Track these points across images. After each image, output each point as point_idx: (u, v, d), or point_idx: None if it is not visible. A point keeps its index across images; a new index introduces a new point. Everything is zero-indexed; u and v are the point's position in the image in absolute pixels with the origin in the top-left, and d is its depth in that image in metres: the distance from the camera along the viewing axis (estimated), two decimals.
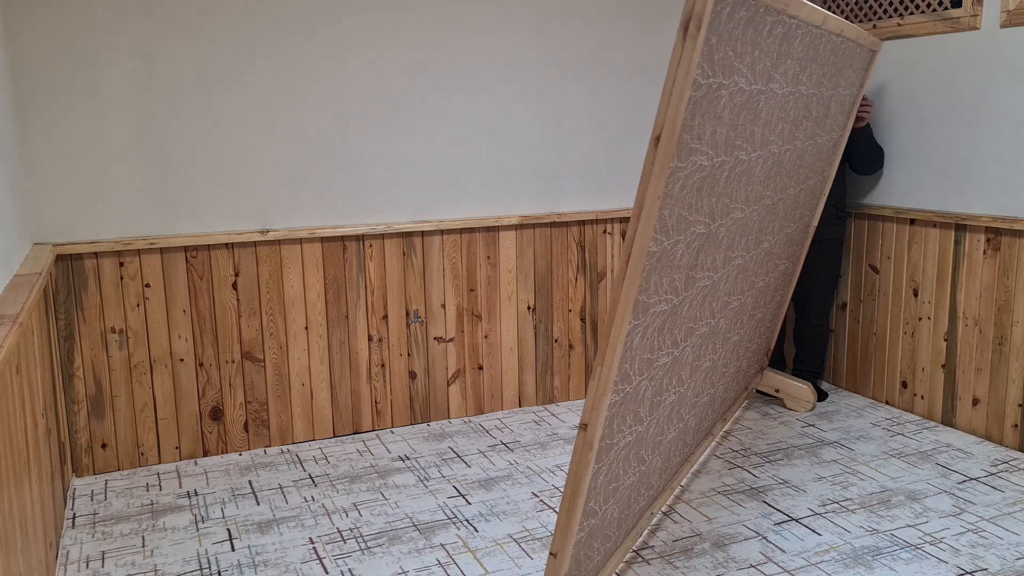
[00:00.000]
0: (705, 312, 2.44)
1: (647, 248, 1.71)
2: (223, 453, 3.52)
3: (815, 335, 4.07)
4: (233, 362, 3.47)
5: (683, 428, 2.69)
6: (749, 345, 3.36)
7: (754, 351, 3.53)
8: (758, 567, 2.59)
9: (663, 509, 2.95)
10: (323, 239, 3.54)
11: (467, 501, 3.07)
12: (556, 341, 4.05)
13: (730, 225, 2.34)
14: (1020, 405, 3.40)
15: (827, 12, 2.46)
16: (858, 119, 3.72)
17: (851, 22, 4.05)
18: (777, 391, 3.95)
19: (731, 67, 1.85)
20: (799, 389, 3.90)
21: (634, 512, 2.45)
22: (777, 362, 4.25)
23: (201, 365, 3.43)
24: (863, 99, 3.67)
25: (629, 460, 2.21)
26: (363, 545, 2.77)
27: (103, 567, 2.65)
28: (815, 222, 3.78)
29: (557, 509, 2.98)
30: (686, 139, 1.73)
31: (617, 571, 2.56)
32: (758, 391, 3.98)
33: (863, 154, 3.80)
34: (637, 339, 1.91)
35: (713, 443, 3.50)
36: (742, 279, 2.77)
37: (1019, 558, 2.62)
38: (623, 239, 4.08)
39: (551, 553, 1.92)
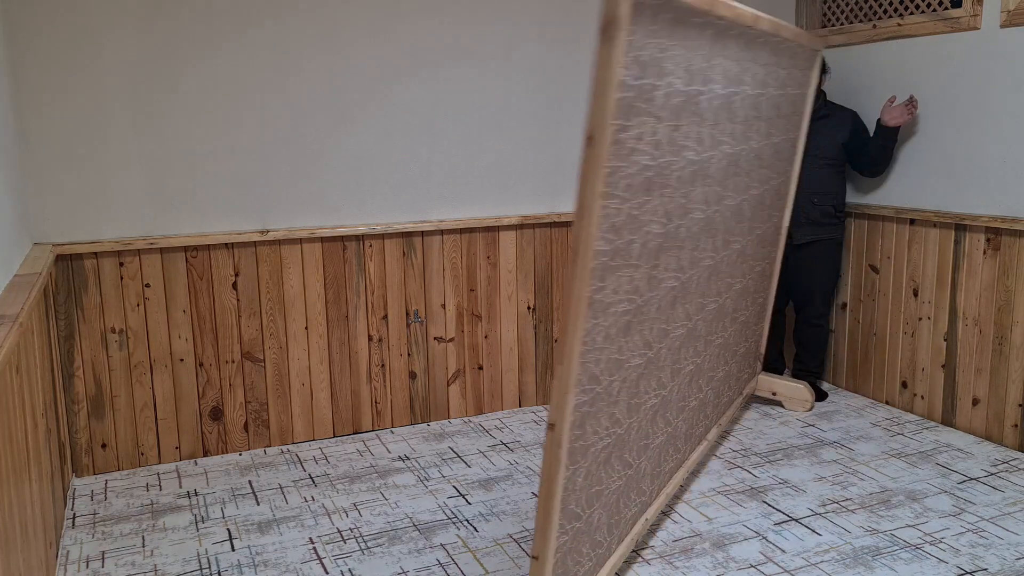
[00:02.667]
0: (679, 314, 2.46)
1: (593, 247, 1.73)
2: (223, 453, 3.52)
3: (815, 335, 4.07)
4: (233, 362, 3.47)
5: (672, 433, 2.70)
6: (736, 349, 3.37)
7: (743, 355, 3.54)
8: (758, 567, 2.59)
9: (663, 509, 2.95)
10: (323, 239, 3.54)
11: (467, 501, 3.07)
12: (556, 341, 4.05)
13: (691, 225, 2.37)
14: (1020, 405, 3.40)
15: (759, 14, 2.53)
16: (903, 115, 3.62)
17: (851, 22, 4.06)
18: (774, 394, 3.95)
19: (662, 68, 1.89)
20: (795, 389, 3.90)
21: (627, 518, 2.45)
22: (777, 364, 4.25)
23: (201, 365, 3.43)
24: (911, 98, 3.62)
25: (611, 463, 2.21)
26: (363, 545, 2.77)
27: (103, 567, 2.65)
28: (785, 223, 3.80)
29: None
30: (623, 139, 1.77)
31: (617, 572, 2.56)
32: (756, 396, 3.99)
33: (886, 154, 3.75)
34: (600, 339, 1.93)
35: (712, 444, 3.49)
36: (716, 281, 2.79)
37: (1019, 558, 2.62)
38: None
39: (532, 556, 1.91)
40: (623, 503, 2.39)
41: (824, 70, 3.85)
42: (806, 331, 4.07)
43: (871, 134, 3.81)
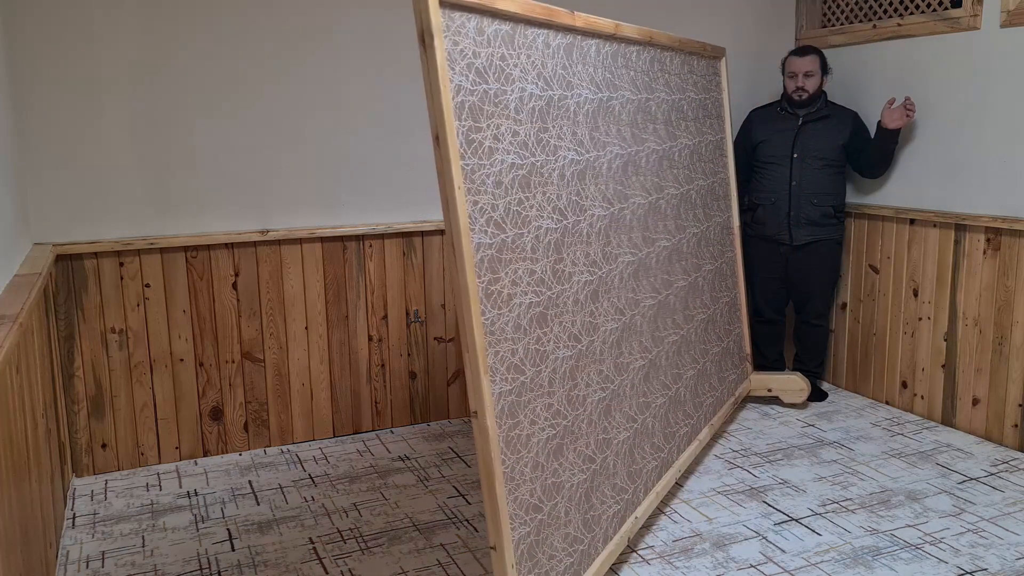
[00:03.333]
0: (607, 308, 2.55)
1: (469, 238, 1.85)
2: (223, 453, 3.52)
3: (815, 335, 4.07)
4: (233, 362, 3.47)
5: (640, 430, 2.72)
6: (705, 348, 3.40)
7: (719, 355, 3.57)
8: (758, 567, 2.59)
9: (663, 509, 2.95)
10: (323, 239, 3.54)
11: (467, 501, 3.07)
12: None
13: (594, 222, 2.49)
14: (1020, 405, 3.40)
15: (620, 23, 2.67)
16: (902, 117, 3.62)
17: (851, 22, 4.06)
18: (770, 390, 3.95)
19: (507, 74, 2.06)
20: (788, 380, 3.90)
21: (608, 515, 2.46)
22: (777, 365, 4.25)
23: (201, 365, 3.43)
24: (907, 100, 3.63)
25: (564, 456, 2.25)
26: (363, 545, 2.77)
27: (103, 567, 2.65)
28: (735, 222, 3.81)
29: None
30: (478, 139, 1.92)
31: (616, 572, 2.56)
32: (755, 396, 3.98)
33: (886, 156, 3.76)
34: (510, 329, 2.02)
35: (705, 445, 3.49)
36: (648, 278, 2.87)
37: (1019, 558, 2.62)
38: None
39: (491, 547, 1.94)
40: (596, 499, 2.41)
41: (826, 71, 3.85)
42: (806, 331, 4.08)
43: (871, 135, 3.81)
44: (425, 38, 1.76)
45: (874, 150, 3.76)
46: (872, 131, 3.82)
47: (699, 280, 3.38)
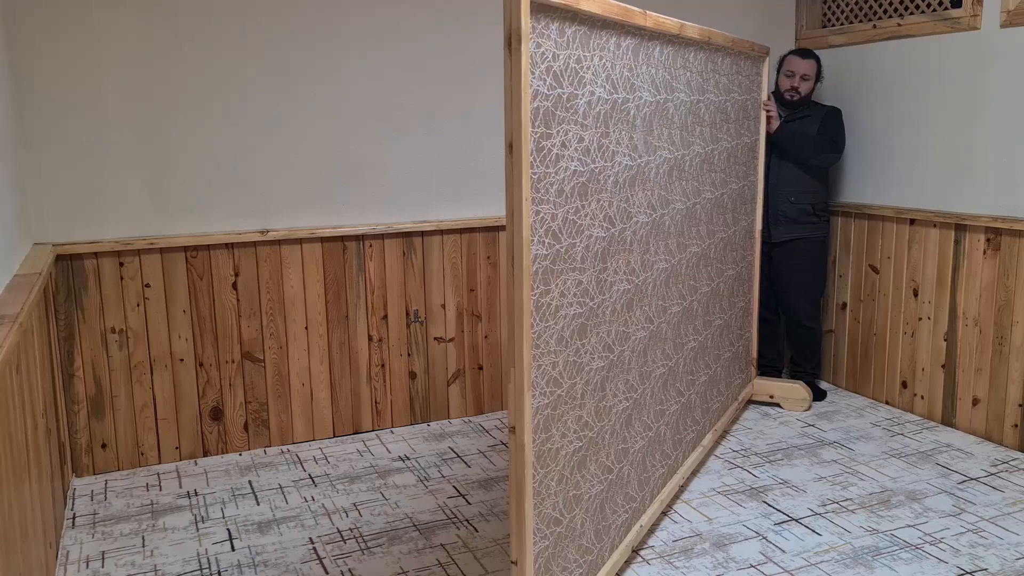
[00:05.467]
0: (638, 317, 2.49)
1: (529, 250, 1.79)
2: (223, 453, 3.52)
3: (806, 337, 4.08)
4: (233, 362, 3.47)
5: (654, 438, 2.71)
6: (719, 353, 3.39)
7: (729, 359, 3.55)
8: (758, 567, 2.59)
9: (663, 510, 2.95)
10: (323, 239, 3.54)
11: (467, 501, 3.07)
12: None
13: (637, 229, 2.43)
14: (1020, 405, 3.40)
15: (684, 23, 2.60)
16: (768, 123, 3.79)
17: (851, 22, 4.06)
18: (772, 396, 3.95)
19: (580, 78, 2.00)
20: (792, 390, 3.90)
21: (616, 524, 2.46)
22: (776, 363, 4.25)
23: (201, 365, 3.43)
24: (763, 103, 3.75)
25: (588, 467, 2.22)
26: (363, 545, 2.77)
27: (103, 567, 2.65)
28: (757, 226, 3.81)
29: None
30: (547, 146, 1.85)
31: (616, 572, 2.56)
32: (755, 401, 3.98)
33: (795, 153, 3.83)
34: (554, 341, 1.97)
35: (709, 447, 3.49)
36: (677, 284, 2.82)
37: (1019, 558, 2.62)
38: None
39: (512, 561, 1.92)
40: (609, 509, 2.39)
41: (819, 78, 3.90)
42: (799, 334, 4.08)
43: (840, 129, 3.88)
44: (512, 41, 1.69)
45: (789, 151, 3.88)
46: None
47: (721, 285, 3.35)
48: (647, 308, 2.56)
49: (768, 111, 3.78)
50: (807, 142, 3.81)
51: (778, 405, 3.98)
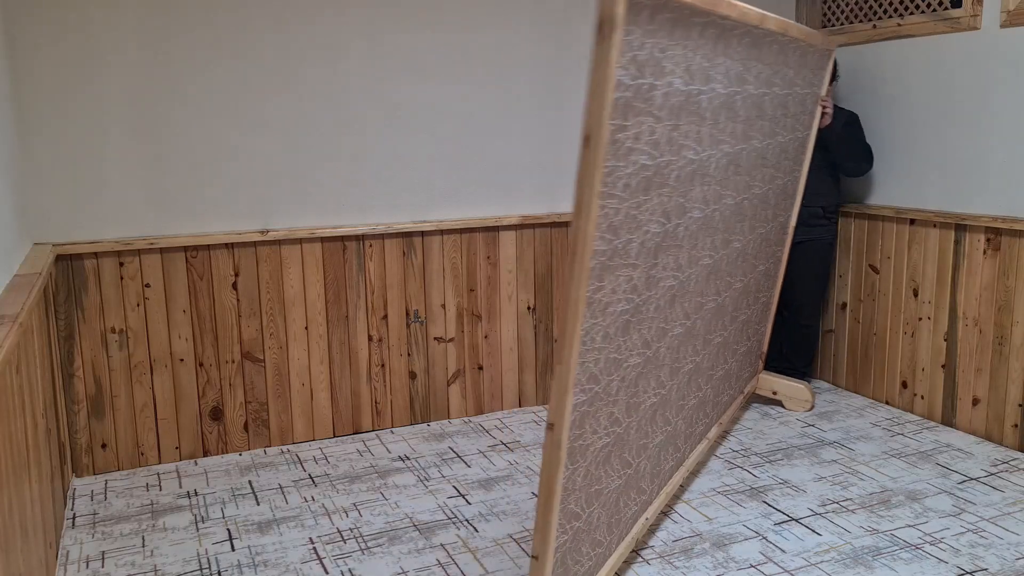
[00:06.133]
0: (677, 313, 2.45)
1: (592, 247, 1.72)
2: (223, 453, 3.52)
3: (804, 336, 4.08)
4: (233, 362, 3.47)
5: (672, 432, 2.70)
6: (736, 348, 3.37)
7: (743, 354, 3.54)
8: (758, 567, 2.59)
9: (663, 509, 2.95)
10: (323, 239, 3.54)
11: (467, 501, 3.07)
12: (556, 341, 4.05)
13: (689, 224, 2.36)
14: (1020, 405, 3.39)
15: (766, 13, 2.49)
16: (821, 118, 3.74)
17: (851, 22, 4.06)
18: (775, 393, 3.95)
19: (661, 68, 1.88)
20: (797, 390, 3.90)
21: (626, 517, 2.45)
22: (774, 362, 4.25)
23: (201, 365, 3.43)
24: (821, 99, 3.69)
25: (611, 463, 2.21)
26: (363, 545, 2.77)
27: (103, 567, 2.65)
28: (792, 222, 3.79)
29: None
30: (621, 139, 1.76)
31: (616, 572, 2.56)
32: (756, 395, 3.98)
33: (844, 153, 3.81)
34: (599, 338, 1.93)
35: (712, 444, 3.49)
36: (715, 280, 2.78)
37: (1019, 558, 2.62)
38: None
39: (532, 556, 1.92)
40: (623, 502, 2.39)
41: (834, 76, 3.85)
42: (796, 331, 4.09)
43: (860, 135, 3.84)
44: (604, 27, 1.58)
45: (833, 149, 3.83)
46: (866, 131, 3.84)
47: (751, 281, 3.31)
48: (686, 304, 2.52)
49: (825, 107, 3.70)
50: (855, 148, 3.79)
51: (779, 402, 3.98)
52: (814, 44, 3.24)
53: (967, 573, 2.54)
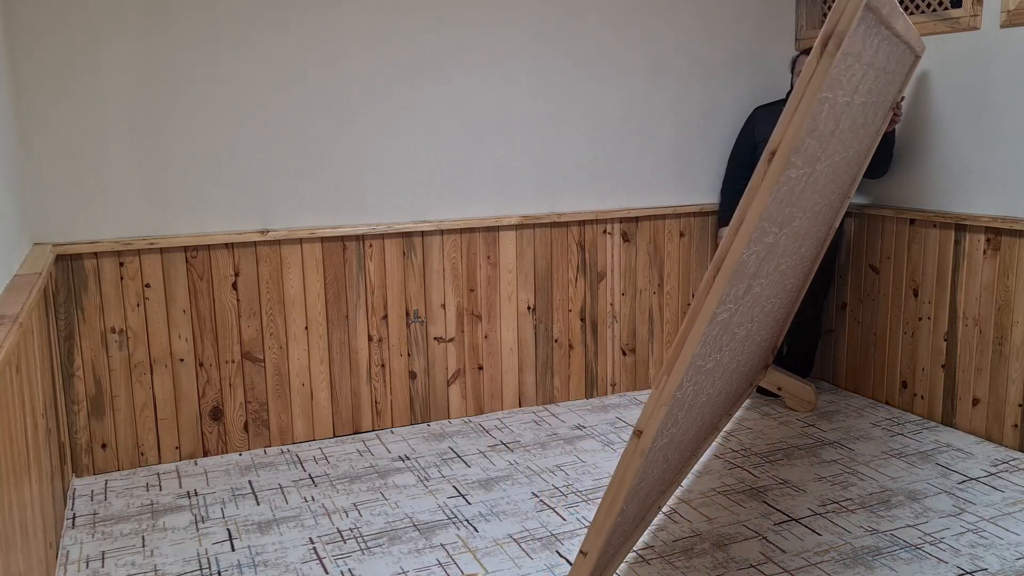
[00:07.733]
0: (746, 317, 2.43)
1: (736, 261, 1.69)
2: (223, 453, 3.52)
3: (805, 335, 4.09)
4: (233, 362, 3.47)
5: (701, 427, 2.71)
6: (756, 339, 3.35)
7: (759, 345, 3.52)
8: (758, 567, 2.59)
9: (664, 510, 2.95)
10: (323, 239, 3.54)
11: (467, 501, 3.07)
12: (556, 341, 4.05)
13: (789, 233, 2.34)
14: (1020, 405, 3.40)
15: (906, 18, 2.37)
16: (892, 121, 3.63)
17: None
18: (780, 388, 3.95)
19: (849, 80, 1.84)
20: (802, 389, 3.89)
21: (647, 507, 2.46)
22: (777, 357, 4.25)
23: (201, 365, 3.43)
24: (897, 103, 3.61)
25: (657, 461, 2.21)
26: (363, 545, 2.77)
27: (103, 567, 2.65)
28: (838, 222, 3.74)
29: (557, 509, 2.98)
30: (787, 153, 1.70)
31: (618, 572, 2.56)
32: (760, 387, 3.98)
33: (881, 155, 3.76)
34: (698, 348, 1.91)
35: (715, 442, 3.49)
36: (783, 282, 2.76)
37: (1019, 558, 2.62)
38: (623, 239, 4.08)
39: (582, 552, 1.94)
40: (649, 495, 2.40)
41: None
42: (797, 330, 4.09)
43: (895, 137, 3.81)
44: (830, 44, 1.54)
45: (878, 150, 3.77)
46: None
47: (791, 284, 3.26)
48: (755, 309, 2.51)
49: (896, 112, 3.61)
50: (889, 150, 3.74)
51: (781, 401, 3.98)
52: (913, 46, 3.13)
53: (967, 573, 2.54)
